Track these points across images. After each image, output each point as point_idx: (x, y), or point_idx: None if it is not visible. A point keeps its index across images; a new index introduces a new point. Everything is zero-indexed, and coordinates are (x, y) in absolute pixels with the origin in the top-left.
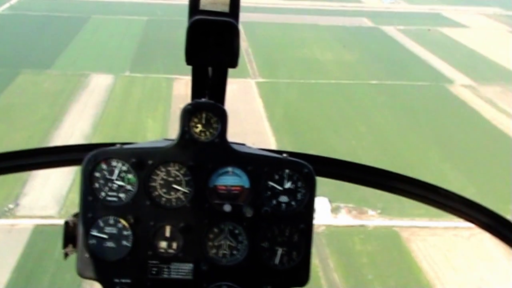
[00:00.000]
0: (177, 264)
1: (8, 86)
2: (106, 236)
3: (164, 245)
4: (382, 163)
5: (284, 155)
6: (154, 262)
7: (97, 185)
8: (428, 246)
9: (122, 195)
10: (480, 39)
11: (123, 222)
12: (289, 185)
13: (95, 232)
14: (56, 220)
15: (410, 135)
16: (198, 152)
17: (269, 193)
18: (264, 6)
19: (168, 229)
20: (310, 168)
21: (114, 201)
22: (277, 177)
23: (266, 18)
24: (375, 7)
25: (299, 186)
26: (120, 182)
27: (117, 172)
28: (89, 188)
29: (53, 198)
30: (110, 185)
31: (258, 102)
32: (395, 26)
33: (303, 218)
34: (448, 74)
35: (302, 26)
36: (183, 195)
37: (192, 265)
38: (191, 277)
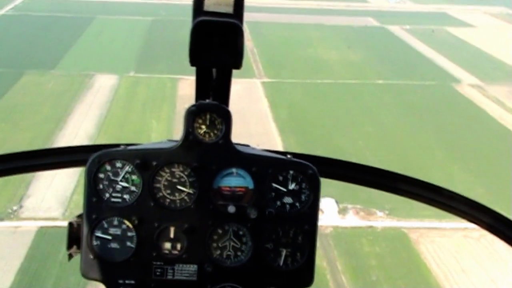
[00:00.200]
0: (181, 265)
1: (12, 87)
2: (110, 237)
3: (168, 246)
4: (389, 164)
5: (288, 156)
6: (158, 263)
7: (101, 186)
8: (437, 248)
9: (126, 196)
10: (486, 39)
11: (127, 223)
12: (293, 186)
13: (99, 233)
14: (60, 222)
15: (418, 135)
16: (202, 153)
17: (273, 194)
18: (269, 6)
19: (172, 230)
20: (314, 169)
21: (118, 202)
22: (281, 178)
23: (272, 18)
24: (381, 7)
25: (304, 187)
26: (124, 183)
27: (121, 173)
28: (93, 189)
29: (57, 200)
30: (114, 186)
31: (264, 102)
32: (401, 26)
33: (308, 219)
34: (455, 74)
35: (307, 26)
36: (187, 196)
37: (196, 266)
38: (195, 278)
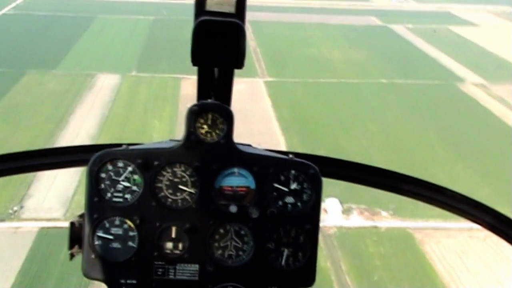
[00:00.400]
0: (182, 265)
1: (13, 86)
2: (112, 237)
3: (170, 246)
4: (393, 163)
5: (290, 156)
6: (160, 263)
7: (103, 186)
8: (442, 248)
9: (128, 196)
10: (490, 38)
11: (129, 222)
12: (295, 186)
13: (101, 233)
14: (61, 222)
15: (422, 135)
16: (204, 153)
17: (275, 194)
18: (271, 5)
19: (174, 230)
20: (316, 169)
21: (120, 202)
22: (283, 178)
23: (274, 17)
24: (384, 6)
25: (305, 187)
26: (126, 183)
27: (123, 173)
28: (95, 189)
29: (58, 200)
30: (116, 185)
31: (267, 102)
32: (404, 25)
33: (309, 219)
34: (458, 73)
35: (310, 25)
36: (189, 196)
37: (197, 266)
38: (197, 278)
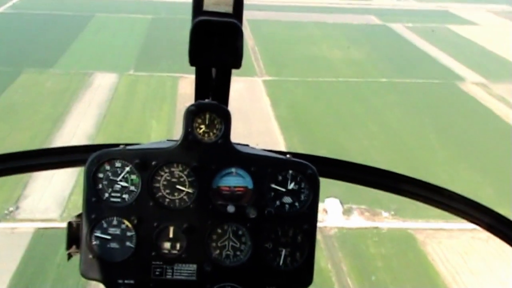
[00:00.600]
0: (180, 265)
1: (10, 85)
2: (109, 237)
3: (167, 246)
4: (394, 163)
5: (287, 156)
6: (158, 263)
7: (100, 186)
8: (444, 249)
9: (125, 196)
10: (489, 37)
11: (127, 223)
12: (292, 186)
13: (99, 233)
14: (58, 223)
15: (422, 134)
16: (201, 153)
17: (272, 194)
18: (270, 4)
19: (171, 230)
20: (314, 169)
21: (118, 202)
22: (280, 178)
23: (272, 16)
24: (383, 5)
25: (303, 187)
26: (123, 183)
27: (120, 173)
28: (92, 189)
29: (54, 201)
30: (114, 186)
31: (266, 101)
32: (403, 24)
33: (307, 219)
34: (458, 72)
35: (309, 24)
36: (187, 196)
37: (195, 266)
38: (195, 278)
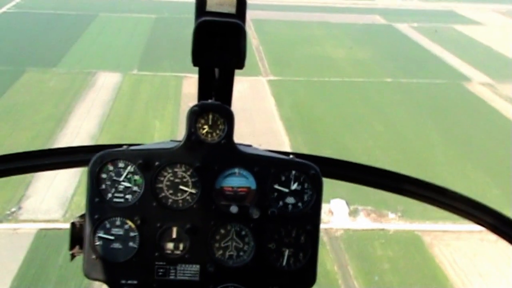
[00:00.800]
0: (183, 265)
1: (13, 85)
2: (112, 237)
3: (170, 246)
4: (401, 164)
5: (290, 156)
6: (161, 263)
7: (103, 186)
8: (452, 251)
9: (128, 196)
10: (495, 37)
11: (130, 223)
12: (295, 186)
13: (102, 233)
14: (60, 224)
15: (429, 135)
16: (204, 153)
17: (275, 194)
18: (274, 3)
19: (174, 230)
20: (317, 169)
21: (121, 202)
22: (283, 178)
23: (277, 16)
24: (388, 5)
25: (306, 187)
26: (126, 183)
27: (123, 173)
28: (95, 189)
29: (57, 201)
30: (117, 186)
31: (270, 101)
32: (408, 24)
33: (310, 219)
34: (465, 72)
35: (313, 24)
36: (190, 196)
37: (198, 266)
38: (198, 278)
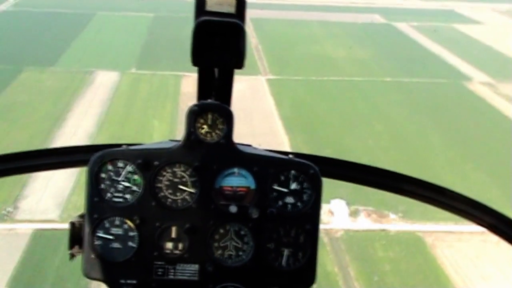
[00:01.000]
0: (182, 265)
1: (10, 84)
2: (112, 237)
3: (170, 246)
4: (401, 164)
5: (290, 156)
6: (160, 263)
7: (103, 186)
8: (454, 253)
9: (128, 196)
10: (495, 36)
11: (129, 223)
12: (295, 186)
13: (101, 233)
14: (57, 224)
15: (429, 134)
16: (204, 153)
17: (275, 194)
18: (273, 2)
19: (174, 230)
20: (316, 169)
21: (120, 202)
22: (283, 178)
23: (276, 14)
24: (388, 4)
25: (305, 187)
26: (126, 183)
27: (123, 173)
28: (95, 189)
29: (54, 201)
30: (116, 186)
31: (270, 100)
32: (408, 23)
33: (309, 219)
34: (465, 71)
35: (312, 23)
36: (189, 196)
37: (197, 266)
38: (197, 278)
